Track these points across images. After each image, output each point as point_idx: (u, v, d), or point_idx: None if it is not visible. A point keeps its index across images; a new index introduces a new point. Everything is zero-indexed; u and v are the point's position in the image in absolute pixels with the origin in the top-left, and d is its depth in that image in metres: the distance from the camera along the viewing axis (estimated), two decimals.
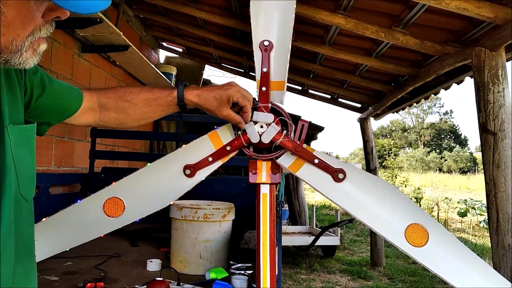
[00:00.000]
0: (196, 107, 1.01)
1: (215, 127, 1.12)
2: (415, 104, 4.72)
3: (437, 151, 38.98)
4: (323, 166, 1.05)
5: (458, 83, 3.73)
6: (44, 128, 0.95)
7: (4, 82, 0.73)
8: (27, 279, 0.75)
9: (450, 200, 11.36)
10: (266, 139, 1.04)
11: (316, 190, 1.08)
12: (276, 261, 1.09)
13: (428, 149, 38.92)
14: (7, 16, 0.59)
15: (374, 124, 10.67)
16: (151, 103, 1.02)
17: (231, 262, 1.90)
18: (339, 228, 5.76)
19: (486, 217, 3.80)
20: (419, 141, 42.25)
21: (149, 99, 1.01)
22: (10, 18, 0.60)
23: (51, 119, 0.94)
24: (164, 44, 5.64)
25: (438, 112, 43.51)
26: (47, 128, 0.96)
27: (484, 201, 5.10)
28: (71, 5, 0.59)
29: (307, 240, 5.67)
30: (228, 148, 1.07)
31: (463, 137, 42.54)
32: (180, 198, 1.14)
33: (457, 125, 46.56)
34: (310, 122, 5.82)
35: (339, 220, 6.15)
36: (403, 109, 5.04)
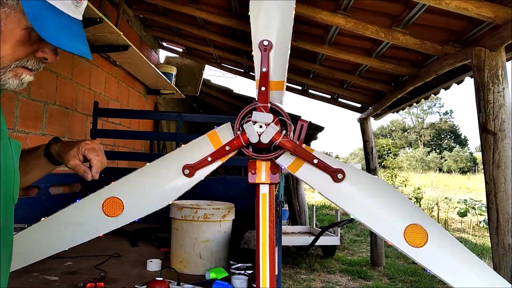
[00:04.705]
0: (59, 158, 1.00)
1: (215, 127, 1.12)
2: (415, 104, 4.72)
3: (437, 151, 38.94)
4: (322, 166, 1.05)
5: (458, 83, 3.73)
6: None
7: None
8: (3, 280, 0.78)
9: (450, 200, 11.35)
10: (265, 139, 1.04)
11: (315, 190, 1.08)
12: (276, 261, 1.09)
13: (428, 149, 38.90)
14: (4, 35, 0.67)
15: (374, 124, 10.67)
16: (26, 158, 0.99)
17: (231, 262, 1.90)
18: (339, 228, 5.76)
19: (486, 217, 3.80)
20: (419, 141, 42.23)
21: (25, 155, 0.98)
22: (5, 39, 0.67)
23: None
24: (164, 44, 5.64)
25: (438, 112, 43.52)
26: None
27: (484, 201, 5.10)
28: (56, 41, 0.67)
29: (307, 240, 5.67)
30: (227, 148, 1.07)
31: (463, 137, 42.52)
32: (180, 198, 1.14)
33: (457, 125, 46.57)
34: (310, 122, 5.84)
35: (339, 220, 6.16)
36: (403, 109, 5.04)
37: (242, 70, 5.62)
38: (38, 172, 1.05)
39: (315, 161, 1.05)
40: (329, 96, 5.53)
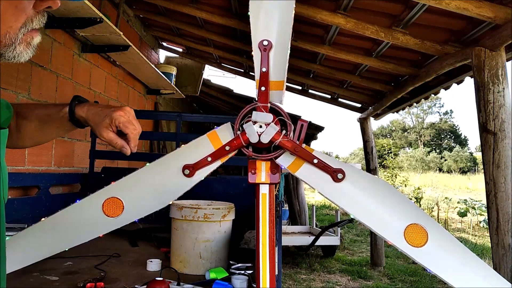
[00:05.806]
0: (86, 123, 0.94)
1: (215, 127, 1.12)
2: (415, 104, 4.72)
3: (437, 151, 38.94)
4: (322, 166, 1.05)
5: (458, 83, 3.73)
6: None
7: None
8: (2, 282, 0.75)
9: (450, 200, 11.36)
10: (265, 139, 1.03)
11: (315, 190, 1.08)
12: (276, 261, 1.09)
13: (428, 149, 38.89)
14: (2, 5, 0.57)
15: (374, 124, 10.67)
16: (45, 119, 0.94)
17: (231, 262, 1.90)
18: (339, 228, 5.76)
19: (486, 217, 3.80)
20: (419, 141, 42.22)
21: (43, 114, 0.95)
22: (2, 10, 0.57)
23: None
24: (164, 44, 5.64)
25: (438, 112, 43.51)
26: None
27: (484, 201, 5.10)
28: None
29: (307, 240, 5.67)
30: (227, 148, 1.07)
31: (463, 137, 42.51)
32: (180, 198, 1.14)
33: (457, 125, 46.57)
34: (310, 122, 5.84)
35: (339, 220, 6.16)
36: (403, 109, 5.04)
37: (242, 70, 5.62)
38: (59, 134, 1.00)
39: (315, 161, 1.05)
40: (329, 96, 5.53)
